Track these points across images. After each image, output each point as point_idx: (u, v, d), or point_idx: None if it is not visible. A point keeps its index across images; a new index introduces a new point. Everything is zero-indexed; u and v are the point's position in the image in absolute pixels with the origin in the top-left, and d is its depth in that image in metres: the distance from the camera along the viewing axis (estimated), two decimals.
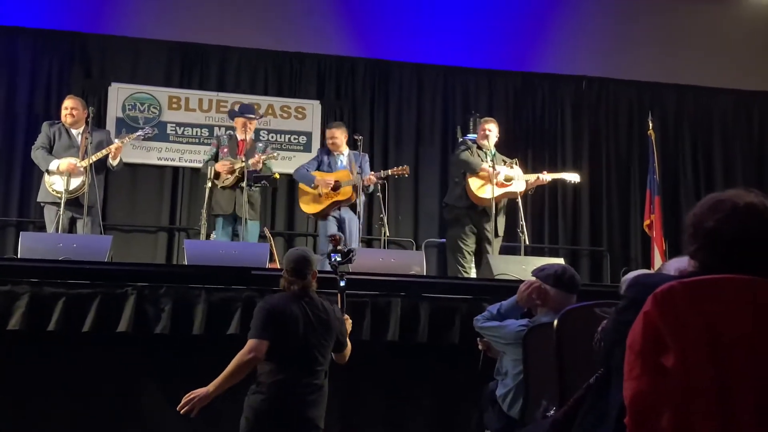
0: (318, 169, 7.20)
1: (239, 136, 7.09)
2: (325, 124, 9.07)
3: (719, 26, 9.91)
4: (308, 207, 7.26)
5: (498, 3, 9.70)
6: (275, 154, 7.23)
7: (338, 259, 4.36)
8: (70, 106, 6.87)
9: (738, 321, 1.99)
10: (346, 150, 7.30)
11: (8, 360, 4.91)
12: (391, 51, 9.59)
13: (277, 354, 3.79)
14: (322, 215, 7.15)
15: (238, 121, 7.14)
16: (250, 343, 3.77)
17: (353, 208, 7.06)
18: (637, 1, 9.96)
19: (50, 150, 6.75)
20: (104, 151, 6.67)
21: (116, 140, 6.89)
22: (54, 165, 6.60)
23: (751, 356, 1.96)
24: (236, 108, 7.71)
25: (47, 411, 4.95)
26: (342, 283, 4.33)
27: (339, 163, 7.23)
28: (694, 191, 9.76)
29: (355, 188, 6.97)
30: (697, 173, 10.07)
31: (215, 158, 6.99)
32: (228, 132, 7.30)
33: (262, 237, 7.47)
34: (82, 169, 6.55)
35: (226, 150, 7.00)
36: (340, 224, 7.09)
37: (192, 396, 3.64)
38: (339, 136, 7.27)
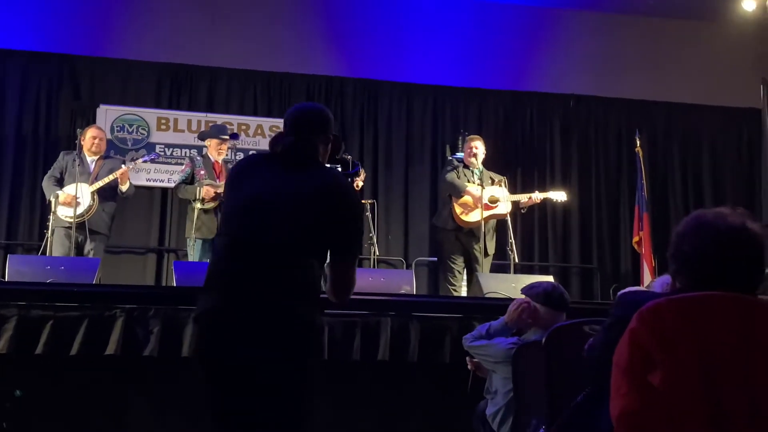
0: None
1: (212, 158, 7.01)
2: None
3: (707, 44, 9.95)
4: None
5: (487, 22, 9.75)
6: None
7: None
8: (97, 135, 7.05)
9: (726, 337, 1.98)
10: None
11: None
12: (380, 71, 9.60)
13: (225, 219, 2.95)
14: None
15: (212, 143, 7.03)
16: None
17: None
18: (625, 19, 10.02)
19: (61, 179, 6.84)
20: (110, 177, 6.80)
21: (122, 166, 6.98)
22: (54, 196, 6.70)
23: (740, 372, 1.96)
24: (209, 128, 7.71)
25: None
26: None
27: None
28: (684, 207, 9.77)
29: None
30: (686, 190, 10.10)
31: (190, 180, 6.87)
32: (203, 153, 7.19)
33: None
34: (89, 193, 6.69)
35: (203, 172, 6.85)
36: None
37: None
38: None
